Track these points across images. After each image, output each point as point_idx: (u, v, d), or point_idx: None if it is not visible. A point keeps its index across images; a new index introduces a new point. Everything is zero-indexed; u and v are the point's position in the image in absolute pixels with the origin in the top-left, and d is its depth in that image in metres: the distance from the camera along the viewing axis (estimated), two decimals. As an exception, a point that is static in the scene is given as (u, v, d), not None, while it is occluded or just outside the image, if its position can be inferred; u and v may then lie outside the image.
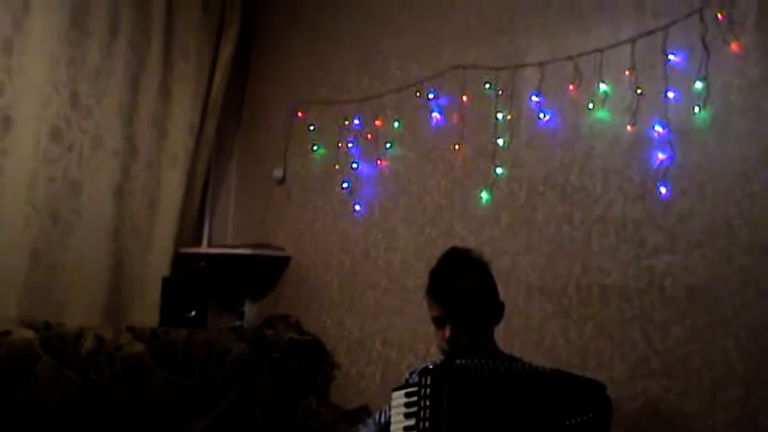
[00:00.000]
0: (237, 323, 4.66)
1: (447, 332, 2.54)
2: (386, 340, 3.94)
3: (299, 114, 4.62)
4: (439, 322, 2.59)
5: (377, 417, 2.93)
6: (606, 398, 2.37)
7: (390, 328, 3.92)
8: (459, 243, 3.35)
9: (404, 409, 2.43)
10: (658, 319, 2.89)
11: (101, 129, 4.43)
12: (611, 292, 3.04)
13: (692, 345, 2.79)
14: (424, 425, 2.34)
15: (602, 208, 3.12)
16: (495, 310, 2.66)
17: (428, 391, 2.36)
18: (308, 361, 4.19)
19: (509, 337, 3.16)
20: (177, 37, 4.74)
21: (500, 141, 3.48)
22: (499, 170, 3.48)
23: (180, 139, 4.72)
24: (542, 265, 3.29)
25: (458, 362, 2.41)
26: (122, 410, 3.61)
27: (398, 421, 2.44)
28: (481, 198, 3.54)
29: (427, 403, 2.35)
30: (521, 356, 2.74)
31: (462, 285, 2.57)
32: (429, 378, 2.37)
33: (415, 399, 2.40)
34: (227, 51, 4.90)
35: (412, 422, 2.39)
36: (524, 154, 3.42)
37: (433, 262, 2.56)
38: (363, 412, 3.66)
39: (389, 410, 2.72)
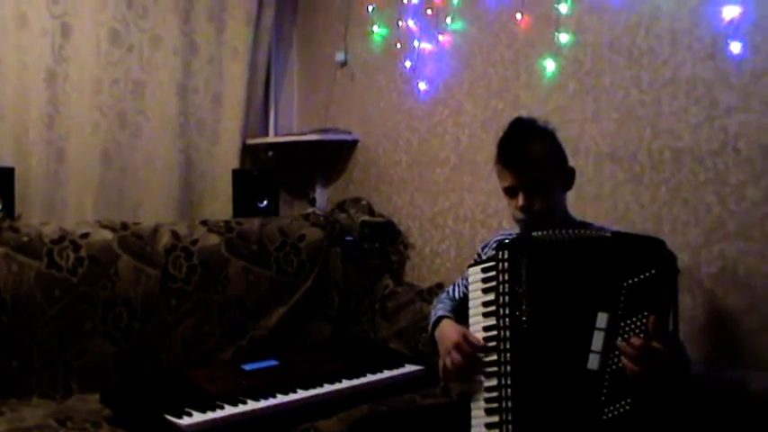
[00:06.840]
0: (309, 209, 4.70)
1: (520, 200, 2.53)
2: (458, 216, 4.00)
3: (357, -5, 4.59)
4: (511, 191, 2.58)
5: (451, 291, 2.95)
6: (668, 253, 2.30)
7: (461, 205, 3.99)
8: (525, 114, 3.35)
9: (482, 285, 2.45)
10: (733, 180, 2.84)
11: (158, 27, 4.45)
12: (683, 155, 2.99)
13: (769, 205, 2.74)
14: (503, 299, 2.38)
15: (671, 70, 3.05)
16: (566, 175, 2.66)
17: (506, 265, 2.39)
18: (382, 242, 4.25)
19: (581, 205, 3.20)
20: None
21: (562, 8, 3.41)
22: (563, 37, 3.42)
23: (239, 31, 4.72)
24: (612, 131, 3.26)
25: (534, 234, 2.41)
26: (202, 302, 3.69)
27: (477, 297, 2.47)
28: (546, 67, 3.50)
29: (506, 277, 2.39)
30: (593, 222, 2.74)
31: (532, 151, 2.54)
32: (507, 252, 2.40)
33: (492, 273, 2.43)
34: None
35: (491, 297, 2.42)
36: (588, 19, 3.35)
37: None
38: (439, 289, 3.68)
39: (463, 285, 2.79)
